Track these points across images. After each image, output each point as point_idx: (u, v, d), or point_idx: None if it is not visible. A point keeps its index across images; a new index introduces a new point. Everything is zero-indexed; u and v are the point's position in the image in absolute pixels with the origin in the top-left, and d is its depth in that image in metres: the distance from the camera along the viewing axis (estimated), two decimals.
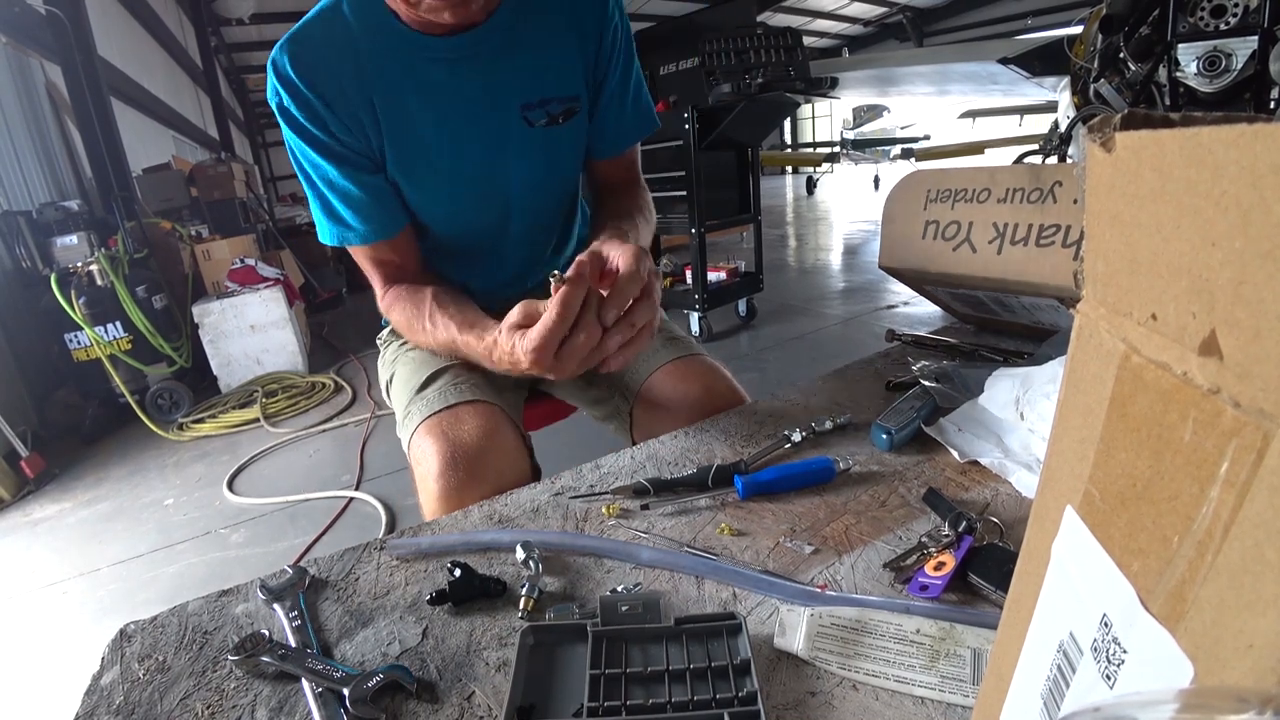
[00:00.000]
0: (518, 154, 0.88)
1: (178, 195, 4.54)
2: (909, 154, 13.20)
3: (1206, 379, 0.15)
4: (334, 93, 0.78)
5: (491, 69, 0.83)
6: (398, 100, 0.81)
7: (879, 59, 7.63)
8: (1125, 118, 0.19)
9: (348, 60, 0.78)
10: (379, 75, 0.79)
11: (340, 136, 0.81)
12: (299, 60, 0.77)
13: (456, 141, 0.85)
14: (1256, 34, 1.90)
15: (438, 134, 0.84)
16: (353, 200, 0.84)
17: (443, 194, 0.89)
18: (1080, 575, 0.21)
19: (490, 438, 0.77)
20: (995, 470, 0.62)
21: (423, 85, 0.81)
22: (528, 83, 0.85)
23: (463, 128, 0.84)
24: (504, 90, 0.84)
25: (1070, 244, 0.79)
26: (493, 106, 0.84)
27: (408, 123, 0.82)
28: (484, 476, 0.74)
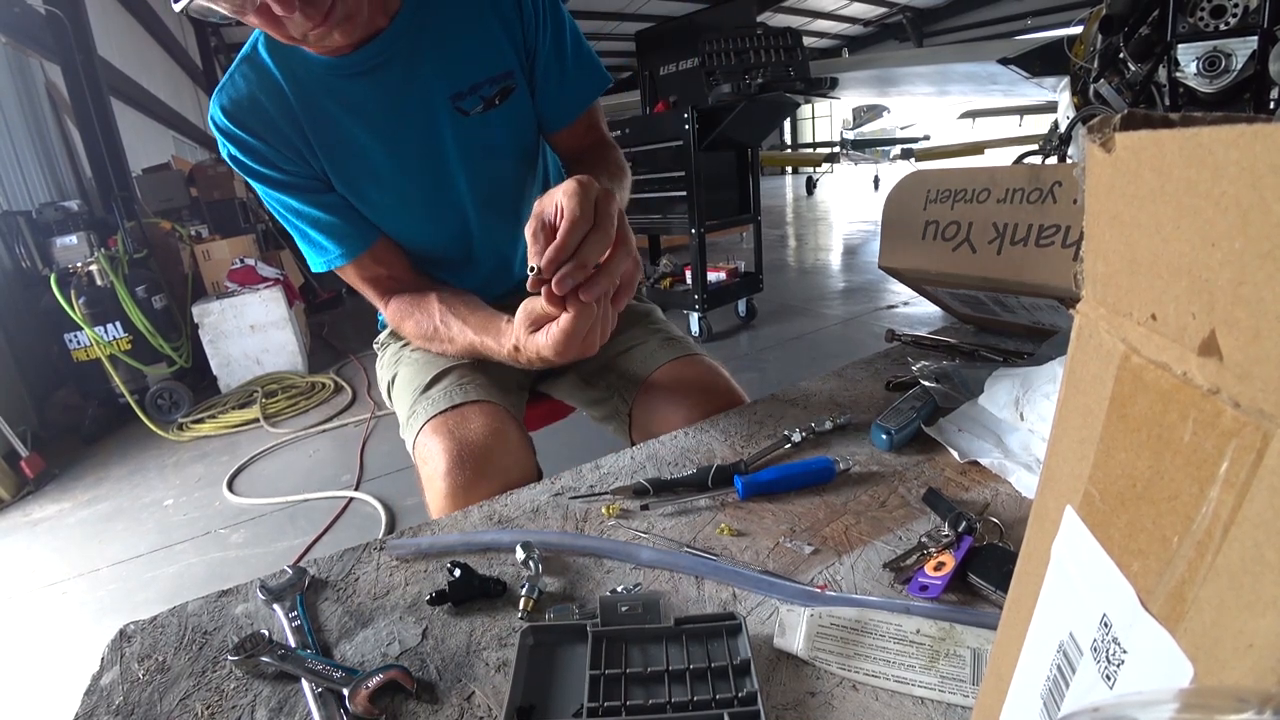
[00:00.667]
0: (458, 146, 0.87)
1: (177, 195, 4.53)
2: (909, 154, 13.20)
3: (1206, 379, 0.15)
4: (269, 131, 0.81)
5: (410, 68, 0.82)
6: (329, 124, 0.82)
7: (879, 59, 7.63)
8: (1125, 118, 0.19)
9: (274, 98, 0.81)
10: (305, 105, 0.81)
11: (287, 169, 0.83)
12: (230, 110, 0.81)
13: (394, 150, 0.84)
14: (1256, 34, 1.90)
15: (375, 147, 0.84)
16: (321, 224, 0.86)
17: (394, 205, 0.88)
18: (1080, 575, 0.21)
19: (497, 436, 0.77)
20: (995, 470, 0.62)
21: (348, 103, 0.82)
22: (453, 72, 0.83)
23: (397, 134, 0.84)
24: (428, 86, 0.83)
25: (1070, 244, 0.79)
26: (421, 106, 0.83)
27: (343, 143, 0.83)
28: (491, 474, 0.74)
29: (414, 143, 0.85)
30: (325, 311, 5.22)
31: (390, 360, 1.01)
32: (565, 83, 0.90)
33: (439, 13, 0.82)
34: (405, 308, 0.89)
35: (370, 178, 0.86)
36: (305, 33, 0.70)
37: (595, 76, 0.92)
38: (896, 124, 14.79)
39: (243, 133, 0.81)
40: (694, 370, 0.92)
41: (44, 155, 4.00)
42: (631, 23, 12.34)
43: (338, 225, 0.86)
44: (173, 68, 8.21)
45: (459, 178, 0.89)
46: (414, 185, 0.87)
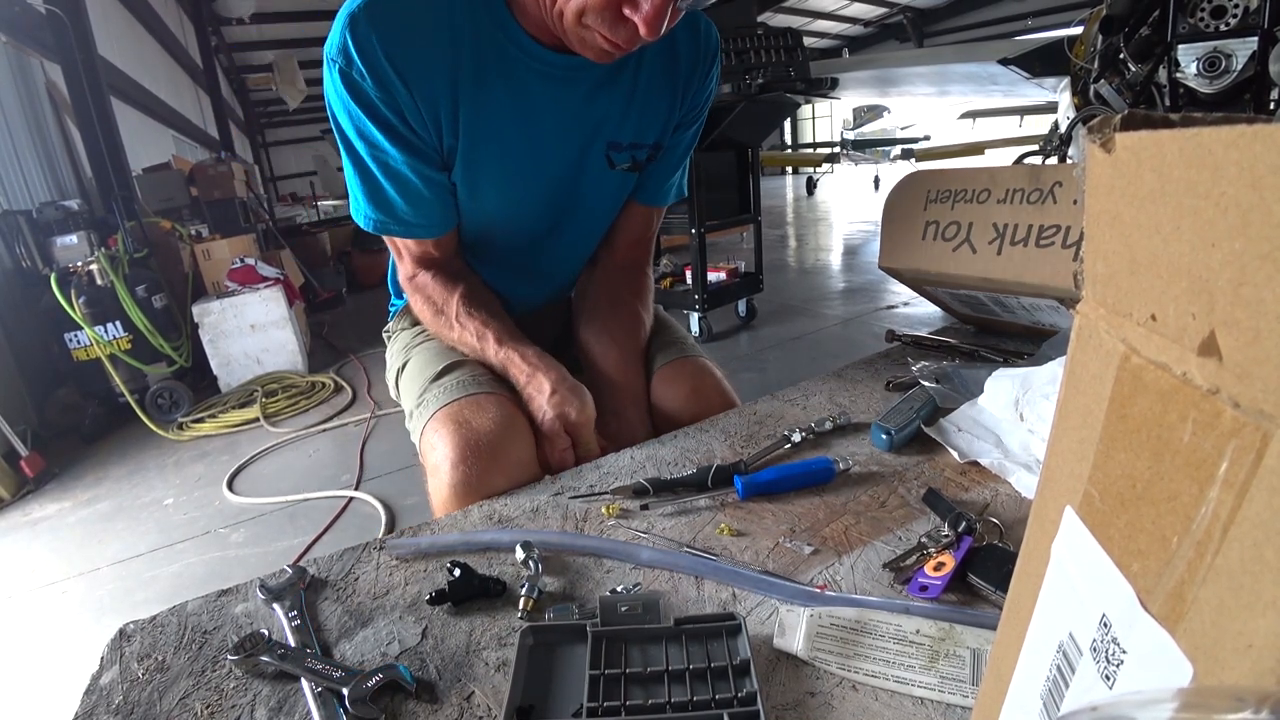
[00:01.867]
0: (592, 188, 0.88)
1: (178, 195, 4.53)
2: (909, 154, 13.19)
3: (1206, 380, 0.15)
4: (419, 80, 0.70)
5: (591, 101, 0.80)
6: (487, 103, 0.75)
7: (879, 59, 7.62)
8: (1125, 118, 0.19)
9: (443, 43, 0.70)
10: (475, 73, 0.72)
11: (413, 125, 0.73)
12: (387, 28, 0.67)
13: (538, 157, 0.82)
14: (1256, 35, 1.90)
15: (522, 146, 0.80)
16: (410, 192, 0.78)
17: (500, 204, 0.86)
18: (1080, 576, 0.21)
19: (508, 429, 0.75)
20: (995, 470, 0.62)
21: (519, 95, 0.76)
22: (621, 123, 0.84)
23: (548, 150, 0.82)
24: (596, 124, 0.82)
25: (1070, 245, 0.79)
26: (582, 139, 0.83)
27: (491, 127, 0.77)
28: (501, 468, 0.72)
29: (556, 164, 0.83)
30: (325, 311, 5.22)
31: (401, 348, 0.99)
32: (671, 173, 0.95)
33: (642, 65, 0.82)
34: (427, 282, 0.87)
35: (499, 170, 0.81)
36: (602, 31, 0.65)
37: (680, 188, 0.99)
38: (897, 124, 14.79)
39: (386, 60, 0.68)
40: (686, 371, 0.92)
41: (44, 155, 4.00)
42: None
43: (428, 202, 0.80)
44: (173, 67, 8.20)
45: (570, 211, 0.90)
46: (537, 191, 0.86)
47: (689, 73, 0.85)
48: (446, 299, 0.86)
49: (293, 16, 9.26)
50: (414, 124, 0.73)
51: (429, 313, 0.88)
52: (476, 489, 0.71)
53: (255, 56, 11.36)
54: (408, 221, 0.81)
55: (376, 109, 0.71)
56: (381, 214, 0.81)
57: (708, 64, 0.87)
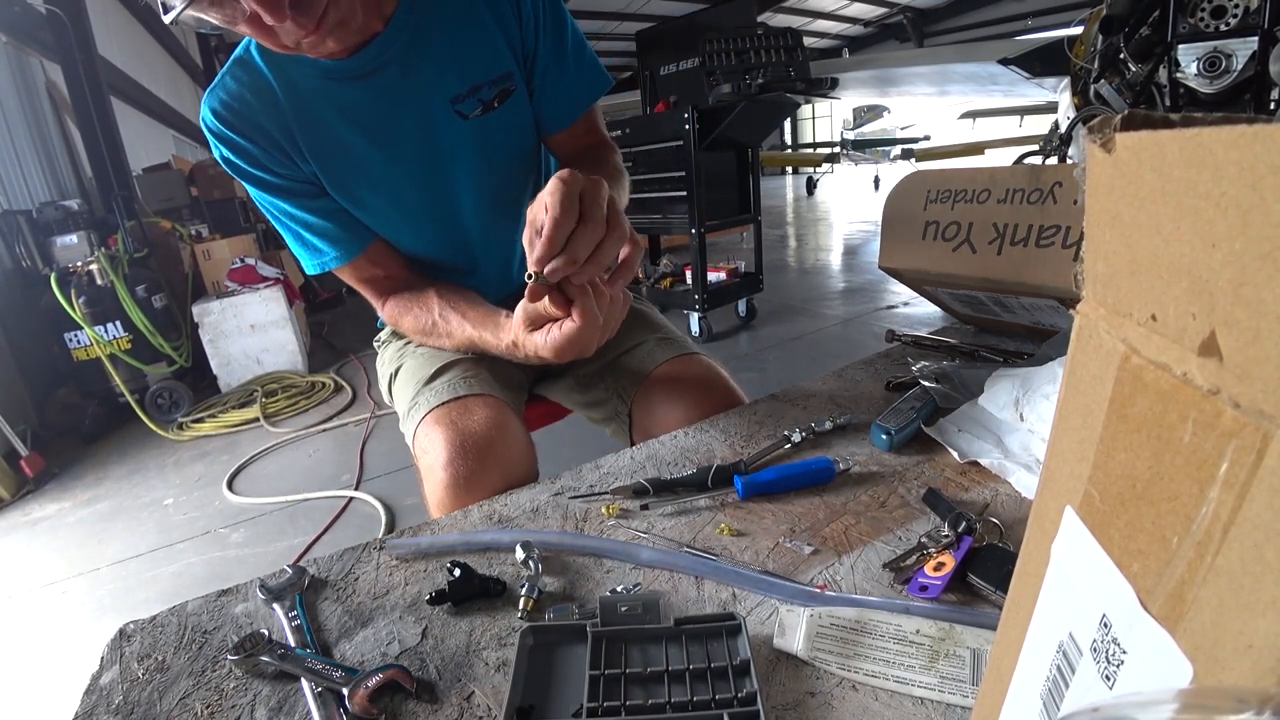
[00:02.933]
0: (457, 150, 0.86)
1: (178, 195, 4.53)
2: (909, 154, 13.19)
3: (1206, 380, 0.15)
4: (258, 134, 0.80)
5: (407, 72, 0.80)
6: (322, 129, 0.81)
7: (879, 59, 7.63)
8: (1125, 118, 0.19)
9: (264, 101, 0.79)
10: (298, 109, 0.80)
11: (279, 171, 0.82)
12: (220, 112, 0.79)
13: (391, 155, 0.83)
14: (1257, 35, 1.90)
15: (370, 152, 0.82)
16: (314, 228, 0.85)
17: (390, 209, 0.87)
18: (1080, 576, 0.21)
19: (499, 429, 0.77)
20: (995, 471, 0.62)
21: (343, 108, 0.80)
22: (451, 74, 0.82)
23: (394, 138, 0.83)
24: (426, 90, 0.82)
25: (1070, 245, 0.79)
26: (419, 109, 0.82)
27: (337, 148, 0.82)
28: (492, 466, 0.73)
29: (411, 146, 0.84)
30: (325, 311, 5.22)
31: (393, 356, 1.01)
32: (564, 85, 0.89)
33: (435, 15, 0.80)
34: (403, 304, 0.89)
35: (365, 183, 0.84)
36: (298, 40, 0.68)
37: (595, 79, 0.91)
38: (897, 124, 14.79)
39: (233, 134, 0.80)
40: (693, 369, 0.92)
41: (44, 154, 4.00)
42: (632, 22, 12.34)
43: (331, 229, 0.85)
44: (173, 67, 8.21)
45: (458, 181, 0.88)
46: (412, 189, 0.87)
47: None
48: (424, 305, 0.87)
49: None
50: (279, 169, 0.82)
51: (414, 326, 0.89)
52: (469, 487, 0.71)
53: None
54: (334, 251, 0.87)
55: (252, 174, 0.82)
56: (312, 256, 0.87)
57: None
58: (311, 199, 0.84)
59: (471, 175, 0.88)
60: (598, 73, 0.92)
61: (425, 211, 0.89)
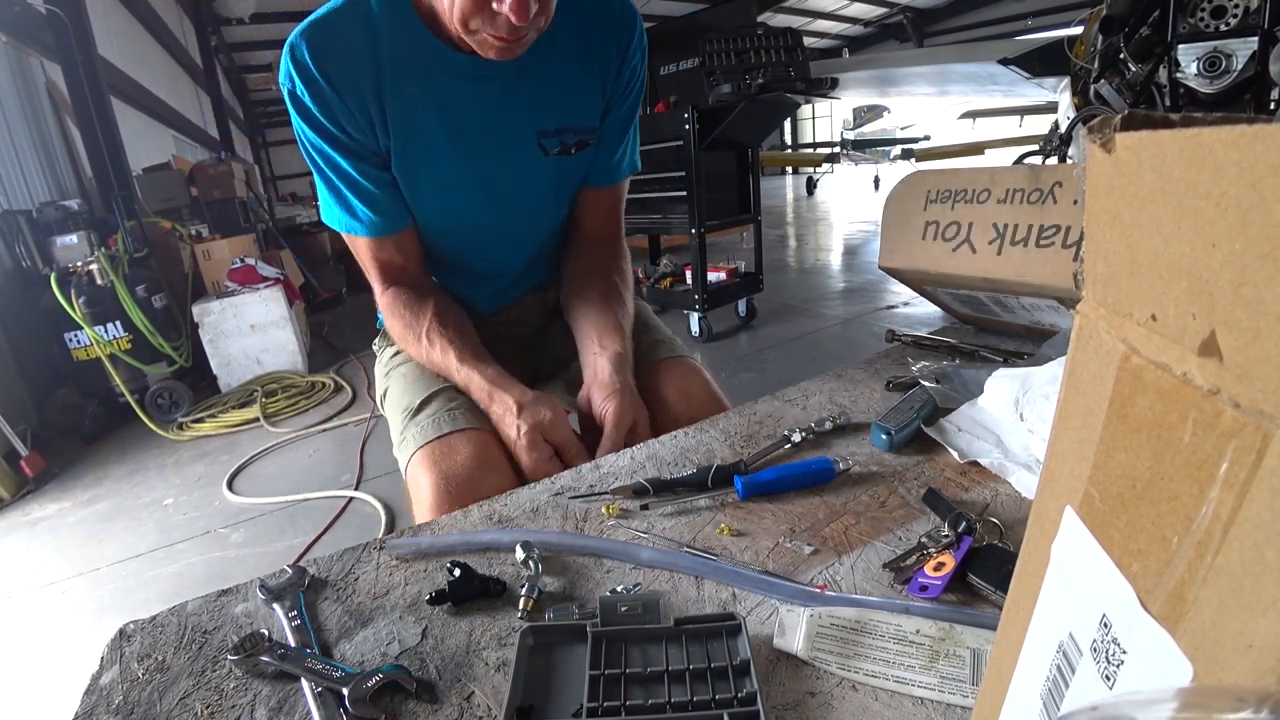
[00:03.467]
0: (527, 180, 0.89)
1: (178, 195, 4.53)
2: (909, 154, 13.20)
3: (1206, 380, 0.15)
4: (347, 87, 0.77)
5: (512, 93, 0.83)
6: (410, 106, 0.80)
7: (879, 59, 7.63)
8: (1125, 118, 0.19)
9: (366, 58, 0.77)
10: (395, 78, 0.78)
11: (350, 131, 0.80)
12: (317, 49, 0.75)
13: (467, 157, 0.85)
14: (1256, 35, 1.90)
15: (449, 146, 0.84)
16: (362, 192, 0.84)
17: (441, 204, 0.89)
18: (1080, 576, 0.21)
19: (482, 466, 0.79)
20: (995, 471, 0.62)
21: (439, 97, 0.81)
22: (548, 111, 0.86)
23: (475, 146, 0.84)
24: (522, 116, 0.85)
25: (1070, 245, 0.79)
26: (509, 131, 0.85)
27: (416, 129, 0.82)
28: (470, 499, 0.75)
29: (487, 158, 0.86)
30: (325, 311, 5.22)
31: (383, 370, 1.02)
32: (619, 150, 0.95)
33: (556, 51, 0.83)
34: (398, 300, 0.90)
35: (431, 169, 0.85)
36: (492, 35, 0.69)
37: (634, 160, 1.00)
38: (897, 124, 14.79)
39: (319, 75, 0.76)
40: (675, 372, 0.93)
41: (44, 154, 4.00)
42: None
43: (380, 200, 0.85)
44: (173, 67, 8.20)
45: (510, 202, 0.91)
46: (473, 190, 0.88)
47: (605, 50, 0.86)
48: (417, 315, 0.89)
49: (293, 16, 9.27)
50: (352, 130, 0.80)
51: (399, 327, 0.91)
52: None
53: (255, 56, 11.37)
54: (367, 220, 0.86)
55: (320, 122, 0.79)
56: (345, 214, 0.86)
57: (624, 38, 0.87)
58: (370, 165, 0.83)
59: (527, 202, 0.92)
60: (636, 154, 1.00)
61: (468, 214, 0.91)
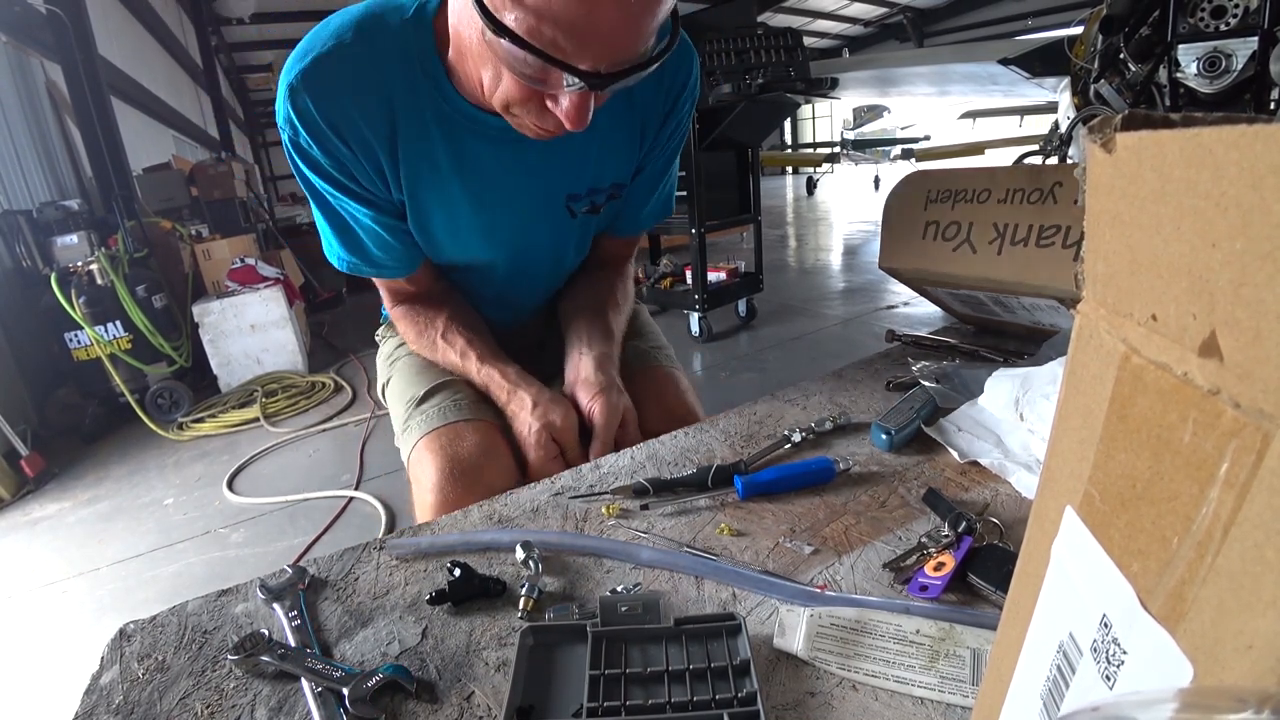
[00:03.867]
0: (550, 235, 0.88)
1: (178, 195, 4.53)
2: (909, 154, 13.20)
3: (1207, 380, 0.15)
4: (356, 135, 0.70)
5: (544, 159, 0.78)
6: (426, 160, 0.74)
7: (879, 59, 7.62)
8: (1125, 118, 0.19)
9: (378, 107, 0.69)
10: (412, 131, 0.71)
11: (360, 180, 0.74)
12: (320, 95, 0.67)
13: (488, 217, 0.81)
14: (1256, 35, 1.90)
15: (470, 206, 0.79)
16: (376, 238, 0.80)
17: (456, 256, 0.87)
18: (1080, 576, 0.21)
19: (487, 454, 0.80)
20: (995, 471, 0.62)
21: (462, 157, 0.75)
22: (579, 173, 0.81)
23: (499, 208, 0.80)
24: (552, 180, 0.81)
25: (1070, 244, 0.79)
26: (537, 195, 0.81)
27: (433, 179, 0.76)
28: (479, 490, 0.75)
29: (510, 219, 0.82)
30: (325, 311, 5.22)
31: (386, 359, 1.02)
32: (646, 205, 0.93)
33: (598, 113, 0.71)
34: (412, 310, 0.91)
35: (448, 227, 0.81)
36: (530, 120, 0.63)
37: (665, 212, 0.96)
38: (897, 124, 14.79)
39: (327, 127, 0.68)
40: (648, 382, 0.94)
41: (44, 154, 4.00)
42: None
43: (392, 246, 0.81)
44: (173, 67, 8.20)
45: (530, 255, 0.90)
46: (487, 252, 0.86)
47: (648, 112, 0.81)
48: (431, 320, 0.89)
49: (293, 16, 9.27)
50: (363, 180, 0.74)
51: (412, 333, 0.91)
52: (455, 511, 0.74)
53: (255, 56, 11.37)
54: (379, 263, 0.83)
55: (327, 171, 0.72)
56: (353, 256, 0.82)
57: (677, 82, 0.81)
58: (384, 214, 0.78)
59: (548, 255, 0.91)
60: (670, 202, 0.96)
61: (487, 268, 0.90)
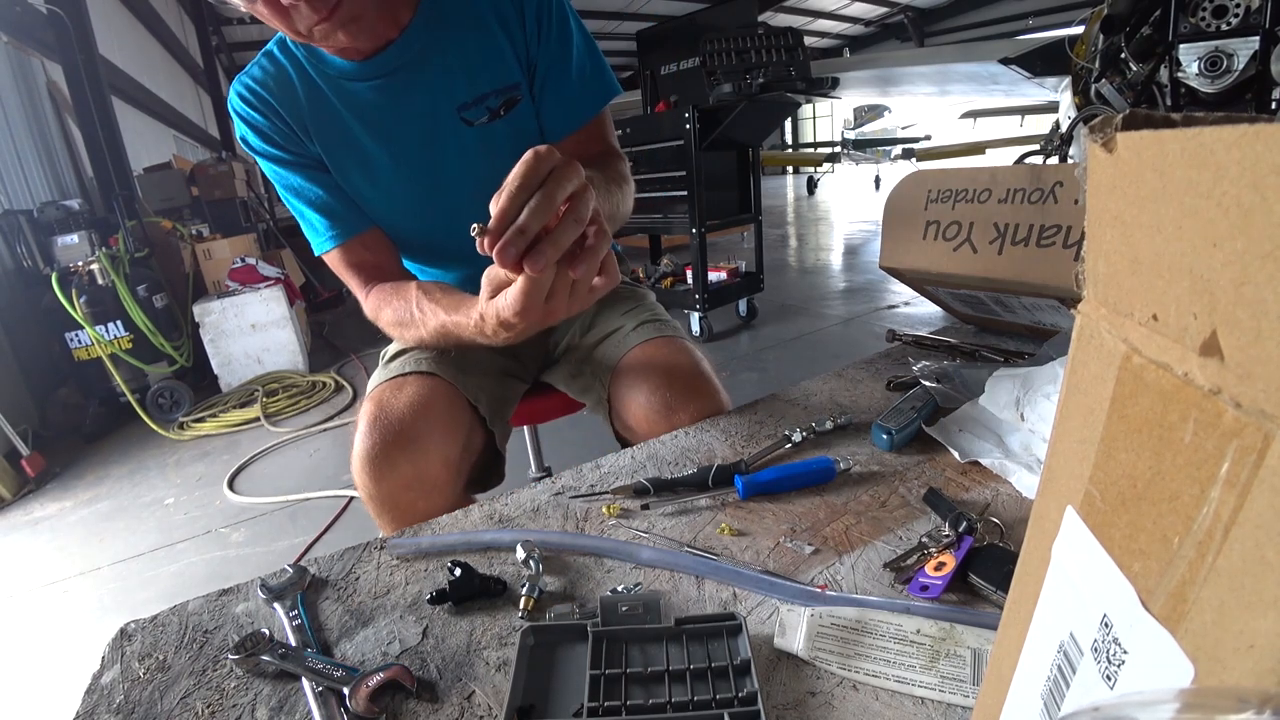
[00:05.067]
0: (460, 156, 0.89)
1: (179, 194, 4.54)
2: (910, 154, 13.19)
3: (1207, 380, 0.15)
4: (275, 116, 0.85)
5: (416, 78, 0.84)
6: (333, 123, 0.86)
7: (880, 59, 7.62)
8: (1126, 118, 0.19)
9: (284, 90, 0.85)
10: (313, 103, 0.85)
11: (290, 149, 0.87)
12: (244, 95, 0.85)
13: (396, 154, 0.87)
14: (1258, 34, 1.90)
15: (376, 150, 0.87)
16: (319, 203, 0.87)
17: (385, 203, 0.90)
18: (1081, 576, 0.21)
19: (422, 412, 0.79)
20: (996, 471, 0.62)
21: (355, 107, 0.85)
22: (459, 83, 0.86)
23: (400, 140, 0.86)
24: (434, 97, 0.85)
25: (1071, 244, 0.79)
26: (426, 115, 0.86)
27: (345, 143, 0.86)
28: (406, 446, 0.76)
29: (416, 149, 0.87)
30: (326, 310, 5.22)
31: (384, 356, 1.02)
32: (566, 93, 0.90)
33: (447, 26, 0.84)
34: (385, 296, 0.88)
35: (366, 177, 0.88)
36: (310, 27, 0.71)
37: (600, 88, 0.91)
38: (897, 124, 14.78)
39: (253, 113, 0.85)
40: (662, 351, 0.91)
41: (45, 154, 4.00)
42: (632, 22, 12.34)
43: (334, 206, 0.88)
44: (174, 67, 8.21)
45: (459, 184, 0.90)
46: (411, 187, 0.89)
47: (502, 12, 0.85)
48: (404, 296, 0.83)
49: None
50: (290, 146, 0.86)
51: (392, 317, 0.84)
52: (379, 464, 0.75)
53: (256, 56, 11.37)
54: (328, 230, 0.88)
55: (266, 150, 0.86)
56: (314, 234, 0.89)
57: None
58: (317, 172, 0.88)
59: (474, 180, 0.90)
60: (602, 82, 0.91)
61: (421, 208, 0.91)
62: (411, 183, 0.89)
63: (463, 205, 0.92)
